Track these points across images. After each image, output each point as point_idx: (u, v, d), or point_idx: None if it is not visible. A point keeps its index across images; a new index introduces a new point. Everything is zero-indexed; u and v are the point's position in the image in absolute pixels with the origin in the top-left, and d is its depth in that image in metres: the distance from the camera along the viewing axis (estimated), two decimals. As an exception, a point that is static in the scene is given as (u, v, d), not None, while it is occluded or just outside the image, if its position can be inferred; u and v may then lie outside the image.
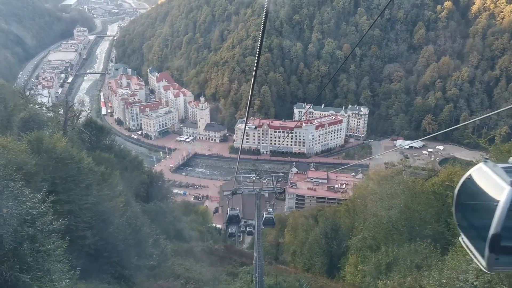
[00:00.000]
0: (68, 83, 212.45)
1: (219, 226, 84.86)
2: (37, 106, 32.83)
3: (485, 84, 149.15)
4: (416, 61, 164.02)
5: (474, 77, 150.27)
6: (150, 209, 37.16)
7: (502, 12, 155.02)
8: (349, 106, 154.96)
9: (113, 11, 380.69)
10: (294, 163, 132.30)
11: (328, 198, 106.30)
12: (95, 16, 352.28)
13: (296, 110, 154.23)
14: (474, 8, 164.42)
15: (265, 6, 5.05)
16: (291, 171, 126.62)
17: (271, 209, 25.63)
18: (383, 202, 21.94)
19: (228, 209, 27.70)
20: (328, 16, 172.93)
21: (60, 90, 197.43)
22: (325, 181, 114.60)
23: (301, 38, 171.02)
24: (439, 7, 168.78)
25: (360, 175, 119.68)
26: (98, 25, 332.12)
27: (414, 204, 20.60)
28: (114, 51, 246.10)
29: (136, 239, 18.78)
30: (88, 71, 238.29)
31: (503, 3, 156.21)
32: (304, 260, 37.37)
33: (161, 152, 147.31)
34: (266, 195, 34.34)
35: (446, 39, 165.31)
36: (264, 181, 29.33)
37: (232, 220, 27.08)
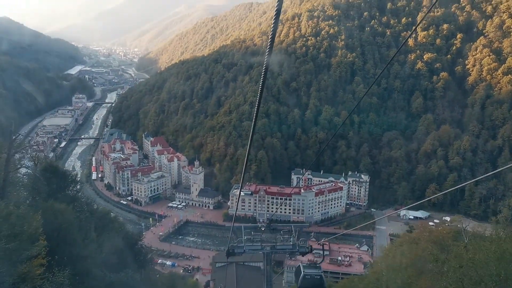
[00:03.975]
0: (60, 147, 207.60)
1: (209, 303, 75.20)
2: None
3: (488, 154, 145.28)
4: (415, 129, 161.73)
5: (477, 146, 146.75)
6: (120, 280, 29.28)
7: (499, 83, 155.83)
8: (349, 173, 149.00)
9: (113, 80, 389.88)
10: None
11: (330, 272, 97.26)
12: (95, 85, 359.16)
13: (294, 176, 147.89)
14: (470, 79, 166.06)
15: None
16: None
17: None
18: (460, 273, 14.46)
19: None
20: (325, 84, 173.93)
21: (51, 154, 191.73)
22: (327, 252, 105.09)
23: (298, 104, 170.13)
24: (435, 77, 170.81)
25: (364, 247, 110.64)
26: (98, 93, 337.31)
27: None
28: (111, 117, 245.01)
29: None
30: (82, 136, 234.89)
31: (499, 74, 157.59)
32: None
33: (150, 219, 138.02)
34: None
35: (445, 108, 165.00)
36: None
37: None
